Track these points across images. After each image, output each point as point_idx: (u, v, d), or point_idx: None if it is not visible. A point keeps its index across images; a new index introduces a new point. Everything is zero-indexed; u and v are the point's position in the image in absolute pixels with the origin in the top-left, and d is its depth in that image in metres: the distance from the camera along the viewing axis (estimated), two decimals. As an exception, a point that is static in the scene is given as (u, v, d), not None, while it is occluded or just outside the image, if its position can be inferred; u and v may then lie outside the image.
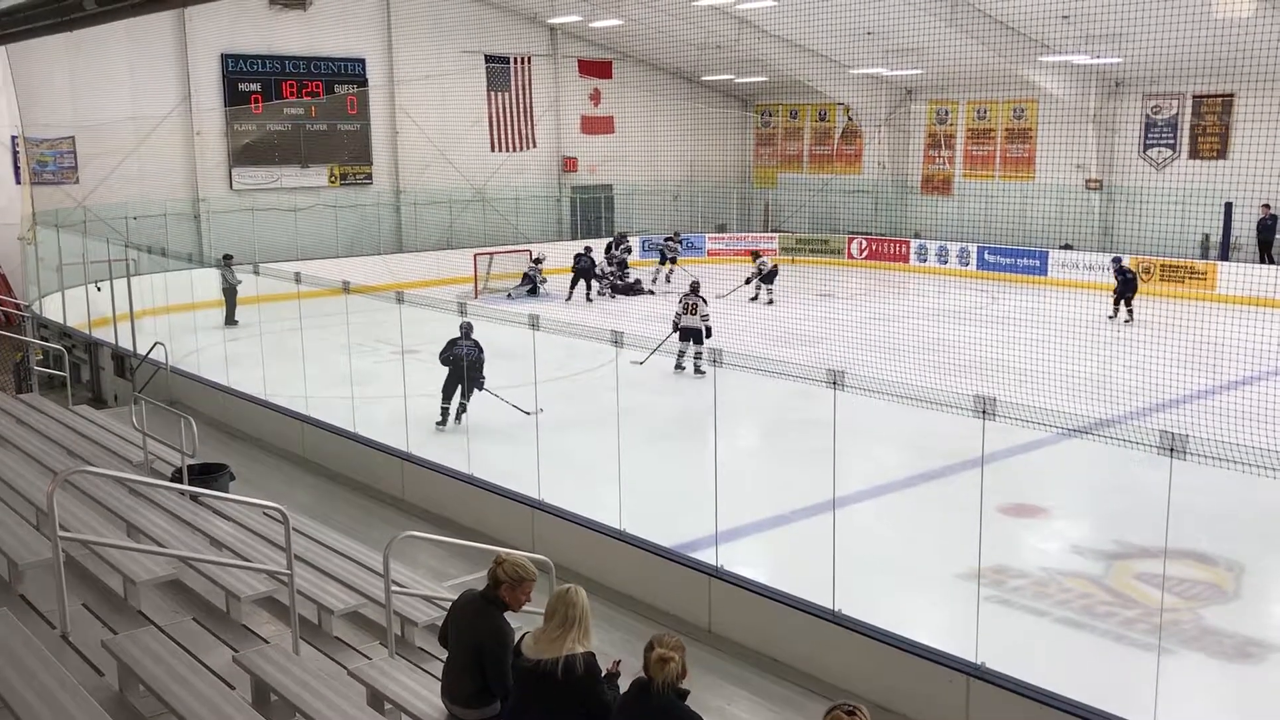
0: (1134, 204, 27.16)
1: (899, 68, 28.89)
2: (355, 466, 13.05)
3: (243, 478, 11.18)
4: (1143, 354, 15.69)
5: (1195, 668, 8.41)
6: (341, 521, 10.85)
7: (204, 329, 20.38)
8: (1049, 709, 6.95)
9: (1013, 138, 29.92)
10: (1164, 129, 27.05)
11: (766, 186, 35.75)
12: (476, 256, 27.33)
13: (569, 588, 5.06)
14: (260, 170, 27.56)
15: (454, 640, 5.52)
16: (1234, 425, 10.77)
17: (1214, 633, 8.86)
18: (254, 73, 27.22)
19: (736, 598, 8.87)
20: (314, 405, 14.29)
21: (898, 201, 32.16)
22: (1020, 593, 9.60)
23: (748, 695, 8.08)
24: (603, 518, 10.11)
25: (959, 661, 7.46)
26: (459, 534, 10.62)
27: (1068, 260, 27.52)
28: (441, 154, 29.43)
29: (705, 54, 30.43)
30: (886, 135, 32.04)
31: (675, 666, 4.62)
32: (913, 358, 15.35)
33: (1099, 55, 24.96)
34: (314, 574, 7.88)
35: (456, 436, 11.97)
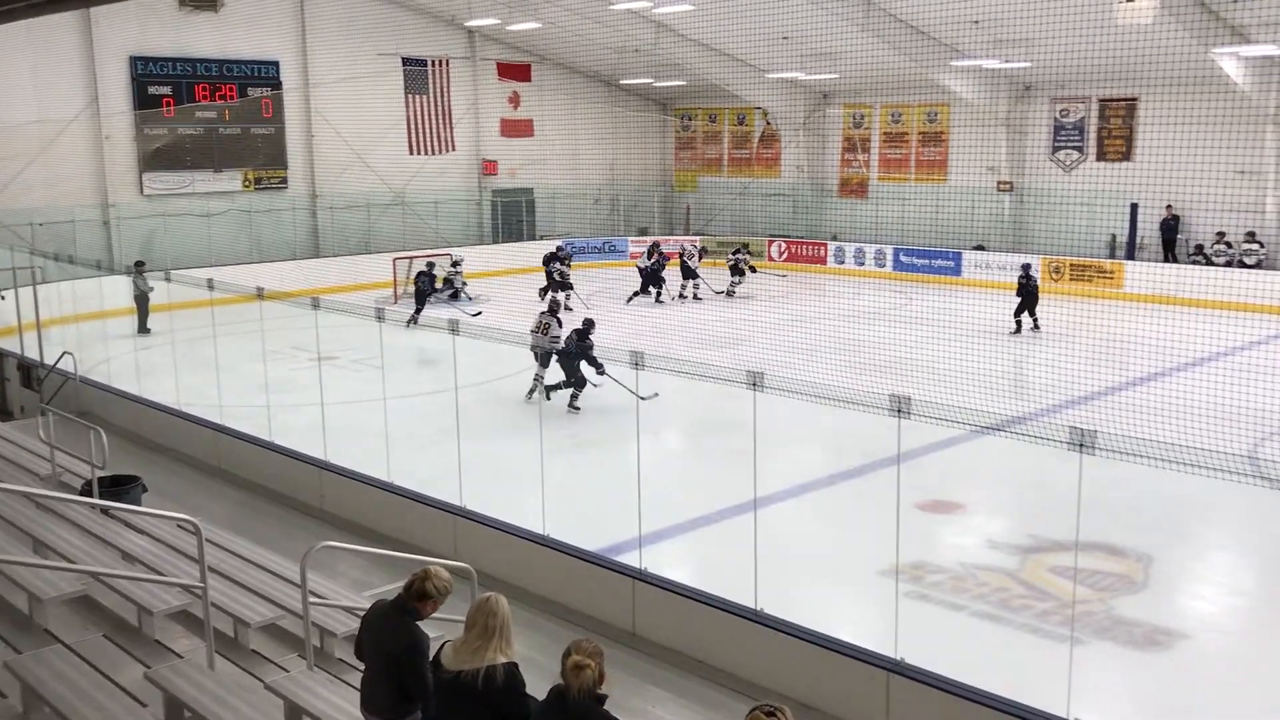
0: (1044, 205, 27.84)
1: (815, 72, 29.24)
2: (272, 476, 12.83)
3: (156, 490, 10.92)
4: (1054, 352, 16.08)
5: (1107, 657, 8.62)
6: (259, 532, 10.64)
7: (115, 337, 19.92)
8: (967, 702, 7.07)
9: (926, 141, 30.47)
10: (1072, 132, 27.76)
11: (687, 190, 35.96)
12: (396, 261, 27.04)
13: (489, 596, 5.02)
14: (172, 175, 26.97)
15: (369, 651, 5.45)
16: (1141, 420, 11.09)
17: (1125, 622, 9.09)
18: (164, 75, 26.64)
19: (660, 600, 8.88)
20: (229, 414, 14.02)
21: (815, 204, 32.55)
22: (938, 588, 9.77)
23: (671, 697, 8.10)
24: (526, 523, 10.07)
25: (879, 658, 7.55)
26: (380, 543, 10.49)
27: (981, 261, 28.09)
28: (359, 157, 29.09)
29: (624, 57, 30.50)
30: (804, 139, 32.42)
31: (591, 673, 4.59)
32: (831, 358, 15.56)
33: (1008, 60, 25.52)
34: (230, 586, 7.73)
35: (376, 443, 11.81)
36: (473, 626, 4.92)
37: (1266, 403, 13.56)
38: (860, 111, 31.83)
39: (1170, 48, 20.70)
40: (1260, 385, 13.85)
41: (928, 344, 15.38)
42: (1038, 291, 21.61)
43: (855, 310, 22.29)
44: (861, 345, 17.50)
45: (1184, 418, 11.78)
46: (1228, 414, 12.82)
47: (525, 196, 33.59)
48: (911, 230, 29.48)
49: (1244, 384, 14.04)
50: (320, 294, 14.28)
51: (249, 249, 27.58)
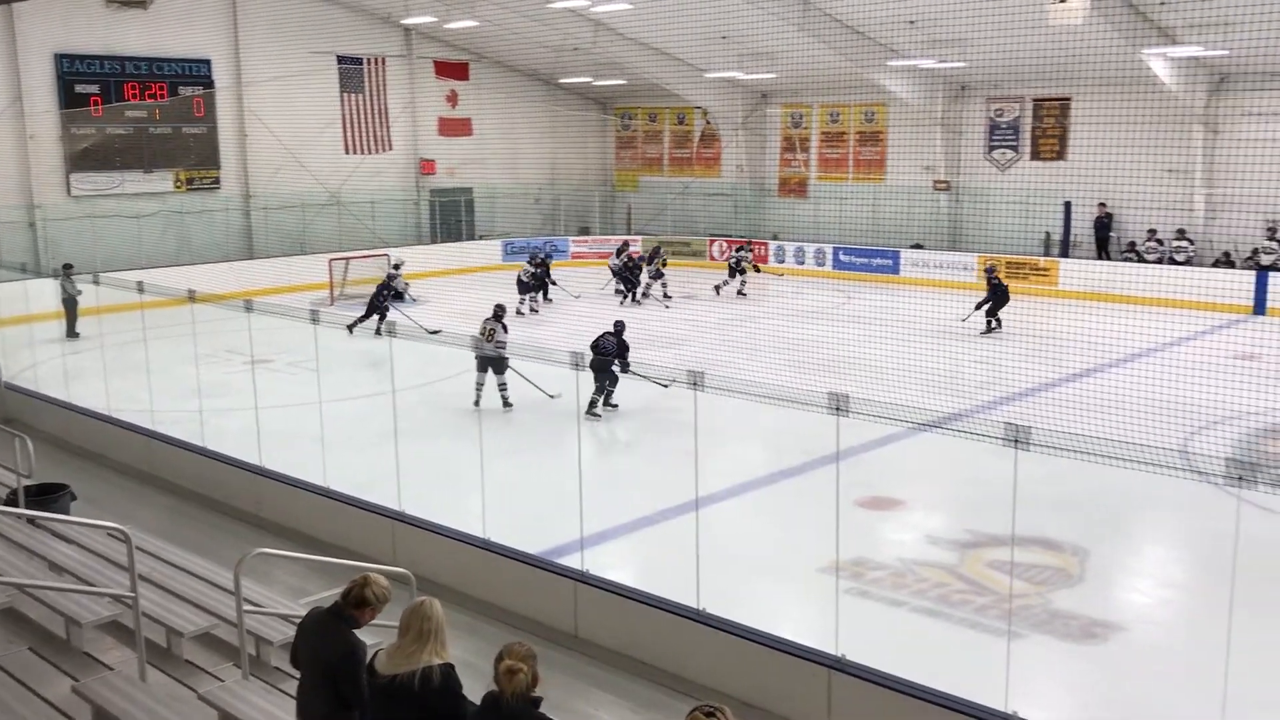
0: (980, 204, 28.21)
1: (754, 71, 29.37)
2: (206, 482, 12.59)
3: (85, 498, 10.67)
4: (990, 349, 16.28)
5: (1044, 650, 8.73)
6: (192, 540, 10.43)
7: (42, 342, 19.45)
8: (907, 698, 7.11)
9: (864, 140, 30.74)
10: (1007, 131, 28.15)
11: (628, 189, 35.95)
12: (332, 262, 26.69)
13: (422, 601, 4.97)
14: (100, 175, 26.38)
15: (305, 661, 5.35)
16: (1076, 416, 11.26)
17: (1061, 615, 9.22)
18: (92, 74, 26.05)
19: (602, 601, 8.84)
20: (161, 419, 13.74)
21: (756, 204, 32.70)
22: (879, 584, 9.83)
23: (613, 699, 8.07)
24: (467, 527, 9.97)
25: (820, 655, 7.57)
26: (317, 549, 10.34)
27: (919, 259, 28.39)
28: (293, 157, 28.67)
29: (563, 56, 30.41)
30: (743, 138, 32.55)
31: (524, 677, 4.56)
32: (772, 357, 15.62)
33: (944, 60, 25.82)
34: (162, 595, 7.55)
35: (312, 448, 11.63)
36: (407, 631, 4.87)
37: (1198, 397, 13.85)
38: (799, 111, 32.03)
39: (1101, 48, 21.09)
40: (1191, 380, 14.13)
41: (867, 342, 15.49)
42: (1008, 293, 21.46)
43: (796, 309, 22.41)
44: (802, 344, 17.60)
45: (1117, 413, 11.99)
46: (1160, 408, 13.08)
47: (464, 196, 33.36)
48: (850, 229, 29.72)
49: (1176, 379, 14.33)
50: (254, 296, 14.04)
51: (181, 251, 27.06)
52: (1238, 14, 16.91)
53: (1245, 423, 14.23)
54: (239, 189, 28.80)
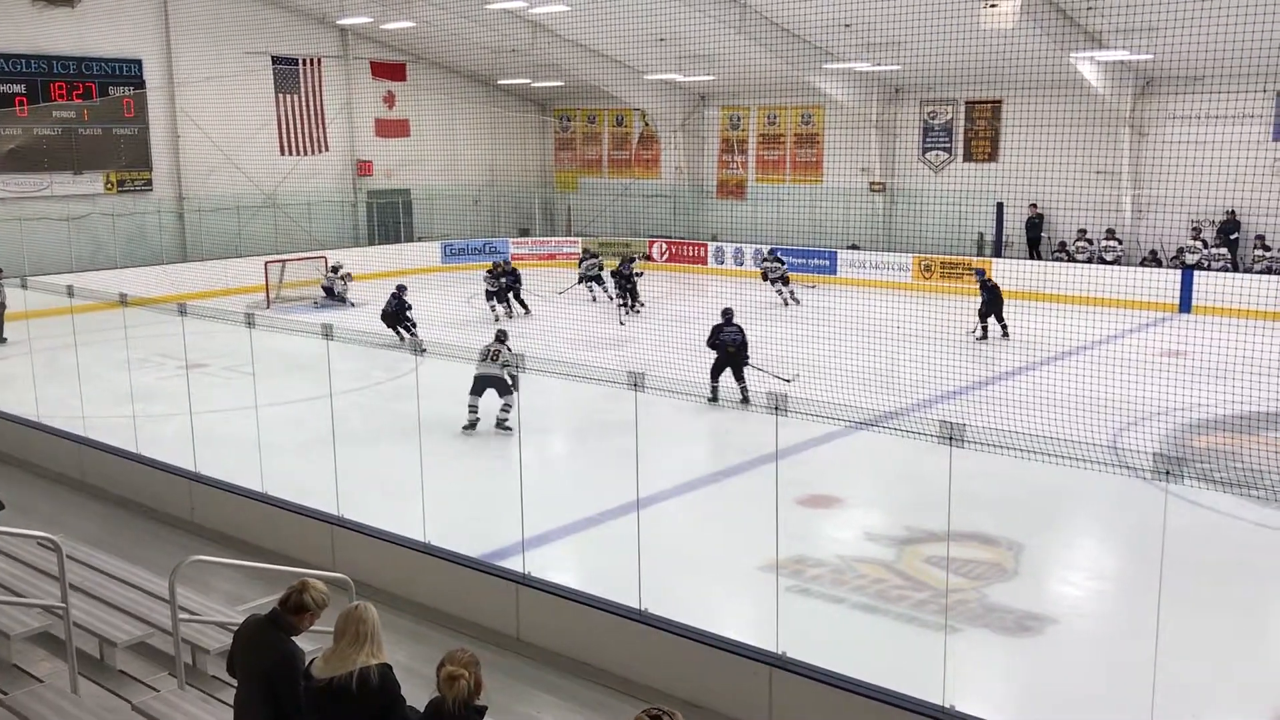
0: (914, 205, 28.59)
1: (692, 74, 29.49)
2: (140, 489, 12.37)
3: (14, 506, 10.41)
4: (925, 348, 16.51)
5: (981, 643, 8.88)
6: (126, 548, 10.25)
7: (-34, 348, 18.98)
8: (847, 693, 7.19)
9: (801, 142, 31.00)
10: (940, 133, 28.56)
11: (568, 190, 35.91)
12: (268, 264, 26.36)
13: (357, 605, 4.95)
14: (28, 177, 25.80)
15: (242, 669, 5.29)
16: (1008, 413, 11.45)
17: (997, 609, 9.38)
18: (17, 73, 25.47)
19: (544, 603, 8.83)
20: (93, 426, 13.47)
21: (695, 205, 32.84)
22: (818, 581, 9.93)
23: (556, 701, 8.07)
24: (407, 531, 9.90)
25: (761, 653, 7.63)
26: (255, 555, 10.21)
27: (855, 259, 28.69)
28: (228, 158, 28.27)
29: (501, 57, 30.30)
30: (682, 140, 32.66)
31: (465, 683, 4.54)
32: (711, 358, 15.69)
33: (879, 63, 26.13)
34: (95, 605, 7.42)
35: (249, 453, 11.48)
36: (343, 635, 4.84)
37: (1126, 394, 14.16)
38: (737, 113, 32.22)
39: (1031, 52, 21.47)
40: (1120, 377, 14.45)
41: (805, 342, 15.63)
42: (1000, 293, 20.77)
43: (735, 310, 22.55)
44: (741, 344, 17.68)
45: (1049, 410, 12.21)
46: (1090, 405, 13.36)
47: (402, 197, 33.09)
48: (788, 230, 29.95)
49: (1105, 376, 14.64)
50: (188, 300, 13.82)
51: (112, 254, 26.55)
52: (1162, 19, 17.31)
53: (1172, 418, 14.57)
54: (172, 191, 28.32)
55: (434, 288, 24.37)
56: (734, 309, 16.10)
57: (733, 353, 15.42)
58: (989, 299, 20.66)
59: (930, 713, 6.86)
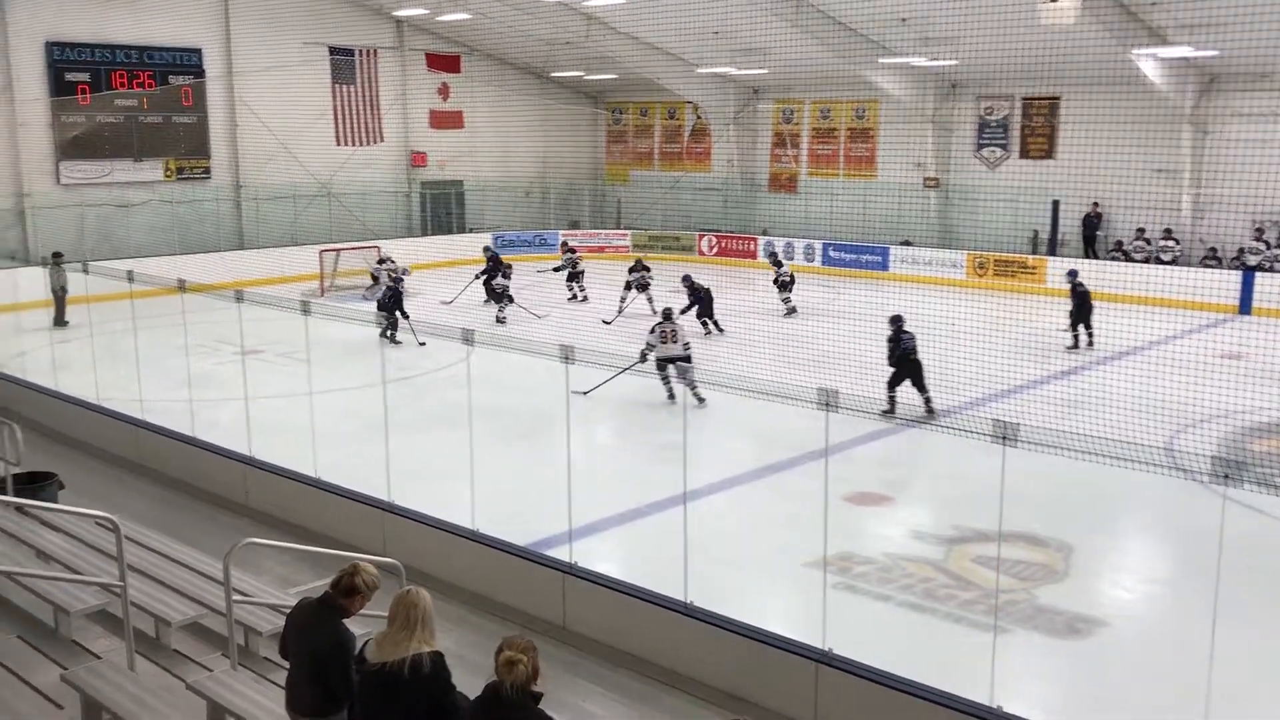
0: (969, 201, 28.30)
1: (746, 67, 29.39)
2: (195, 472, 12.58)
3: (73, 487, 10.66)
4: (978, 346, 16.34)
5: (1029, 645, 8.79)
6: (181, 529, 10.43)
7: (30, 330, 19.39)
8: (893, 691, 7.16)
9: (855, 137, 30.79)
10: (996, 129, 28.24)
11: (618, 183, 35.95)
12: (322, 253, 26.67)
13: (409, 590, 4.99)
14: (90, 164, 26.30)
15: (294, 651, 5.37)
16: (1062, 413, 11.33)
17: (1046, 611, 9.28)
18: (82, 62, 25.96)
19: (591, 594, 8.87)
20: (150, 409, 13.71)
21: (746, 199, 32.74)
22: (865, 579, 9.88)
23: (602, 691, 8.11)
24: (455, 518, 9.99)
25: (807, 649, 7.62)
26: (307, 539, 10.34)
27: (907, 256, 28.47)
28: (284, 148, 28.62)
29: (555, 50, 30.39)
30: (734, 134, 32.58)
31: (524, 669, 4.56)
32: (760, 352, 15.65)
33: (935, 58, 25.89)
34: (151, 585, 7.57)
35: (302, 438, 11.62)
36: (395, 620, 4.90)
37: (1182, 396, 13.93)
38: (790, 107, 32.07)
39: (1091, 48, 21.17)
40: (1176, 379, 14.22)
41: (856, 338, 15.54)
42: (1090, 298, 19.70)
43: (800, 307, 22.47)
44: (791, 339, 17.65)
45: (1104, 410, 12.06)
46: (1145, 407, 13.16)
47: (455, 189, 33.32)
48: (840, 225, 29.78)
49: (1161, 377, 14.41)
50: (244, 287, 14.02)
51: (171, 240, 27.00)
52: (1228, 15, 17.00)
53: (1230, 421, 14.32)
54: (229, 179, 28.74)
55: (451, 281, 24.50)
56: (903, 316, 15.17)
57: (914, 360, 14.68)
58: (1079, 304, 19.64)
59: (978, 713, 6.81)
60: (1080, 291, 19.69)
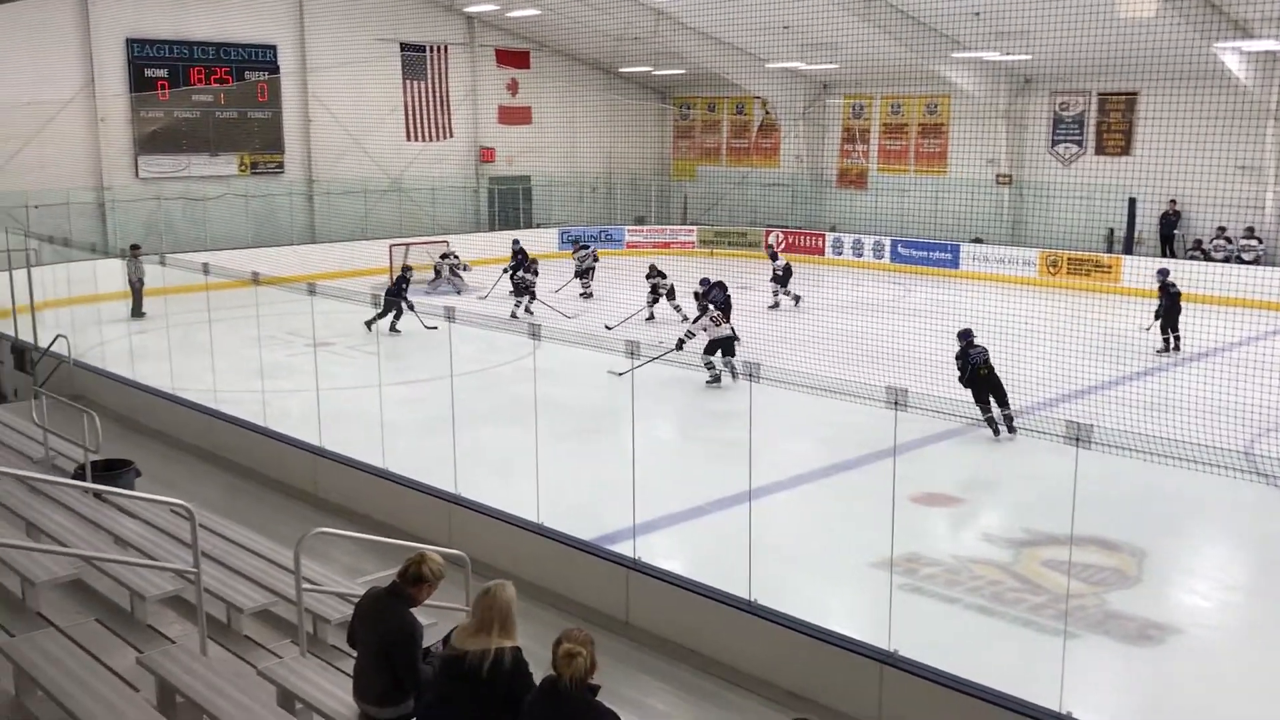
0: (1042, 199, 27.82)
1: (815, 62, 29.17)
2: (267, 462, 12.80)
3: (149, 474, 10.89)
4: (1050, 345, 16.06)
5: (1100, 651, 8.63)
6: (252, 518, 10.61)
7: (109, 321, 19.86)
8: (959, 694, 7.07)
9: (926, 132, 30.42)
10: (1071, 125, 27.73)
11: (685, 179, 35.89)
12: (392, 248, 26.97)
13: (492, 586, 5.03)
14: (167, 158, 26.87)
15: (362, 640, 5.44)
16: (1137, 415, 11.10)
17: (1117, 616, 9.10)
18: (160, 58, 26.53)
19: (654, 589, 8.88)
20: (224, 399, 13.98)
21: (814, 195, 32.50)
22: (932, 580, 9.76)
23: (665, 687, 8.10)
24: (520, 511, 10.05)
25: (872, 649, 7.55)
26: (374, 529, 10.47)
27: (979, 254, 28.07)
28: (356, 143, 29.00)
29: (623, 45, 30.41)
30: (803, 129, 32.35)
31: (583, 661, 4.58)
32: (828, 350, 15.52)
33: (1009, 52, 25.48)
34: (223, 572, 7.71)
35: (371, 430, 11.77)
36: (477, 613, 4.96)
37: (1262, 399, 13.57)
38: (860, 102, 31.77)
39: (1171, 42, 20.64)
40: (1256, 381, 13.85)
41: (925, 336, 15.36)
42: (1180, 301, 19.01)
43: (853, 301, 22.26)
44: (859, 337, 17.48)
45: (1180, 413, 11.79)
46: (1225, 410, 12.84)
47: (522, 184, 33.51)
48: (910, 222, 29.46)
49: (1240, 380, 14.05)
50: (316, 280, 14.23)
51: (245, 234, 27.51)
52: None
53: (1313, 426, 13.92)
54: (302, 173, 29.19)
55: (550, 275, 24.63)
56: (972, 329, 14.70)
57: (985, 374, 14.11)
58: (1169, 305, 18.99)
59: (1046, 719, 6.70)
60: (1174, 292, 19.14)
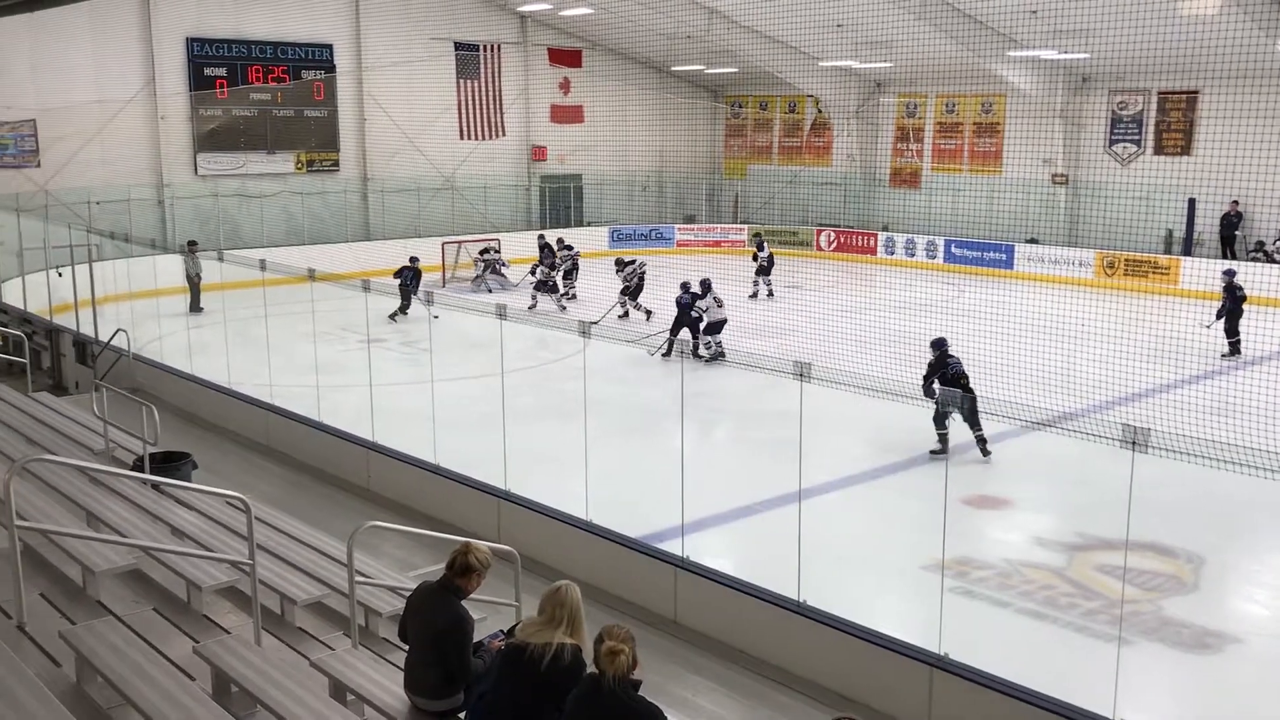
0: (1099, 199, 27.41)
1: (869, 60, 28.96)
2: (320, 456, 12.96)
3: (205, 466, 11.07)
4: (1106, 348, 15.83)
5: (1155, 658, 8.50)
6: (306, 511, 10.76)
7: (167, 316, 20.17)
8: (1011, 699, 7.00)
9: (981, 132, 30.10)
10: (1129, 125, 27.30)
11: (736, 178, 35.80)
12: (445, 245, 27.18)
13: (559, 586, 5.12)
14: (225, 156, 27.28)
15: (414, 633, 5.50)
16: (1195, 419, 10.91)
17: (1173, 623, 8.96)
18: (220, 57, 26.93)
19: (702, 588, 8.87)
20: (279, 394, 14.17)
21: (866, 194, 32.28)
22: (983, 584, 9.67)
23: (712, 685, 8.10)
24: (569, 508, 10.09)
25: (922, 652, 7.49)
26: (425, 524, 10.56)
27: (1034, 254, 27.74)
28: (410, 142, 29.24)
29: (676, 44, 30.39)
30: (856, 128, 32.14)
31: (625, 659, 4.61)
32: (879, 350, 15.42)
33: (1066, 51, 25.13)
34: (277, 564, 7.81)
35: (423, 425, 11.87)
36: (543, 610, 5.04)
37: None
38: (914, 101, 31.50)
39: (1235, 39, 20.25)
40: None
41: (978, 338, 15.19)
42: (1243, 304, 18.66)
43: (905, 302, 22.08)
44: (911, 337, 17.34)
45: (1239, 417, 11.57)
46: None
47: (574, 183, 33.61)
48: (964, 222, 29.16)
49: (1303, 384, 13.77)
50: (370, 277, 14.37)
51: (300, 231, 27.85)
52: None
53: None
54: (357, 171, 29.50)
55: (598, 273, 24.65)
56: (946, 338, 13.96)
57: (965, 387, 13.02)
58: (1234, 307, 18.63)
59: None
60: (1239, 295, 18.75)
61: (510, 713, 5.00)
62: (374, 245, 27.30)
